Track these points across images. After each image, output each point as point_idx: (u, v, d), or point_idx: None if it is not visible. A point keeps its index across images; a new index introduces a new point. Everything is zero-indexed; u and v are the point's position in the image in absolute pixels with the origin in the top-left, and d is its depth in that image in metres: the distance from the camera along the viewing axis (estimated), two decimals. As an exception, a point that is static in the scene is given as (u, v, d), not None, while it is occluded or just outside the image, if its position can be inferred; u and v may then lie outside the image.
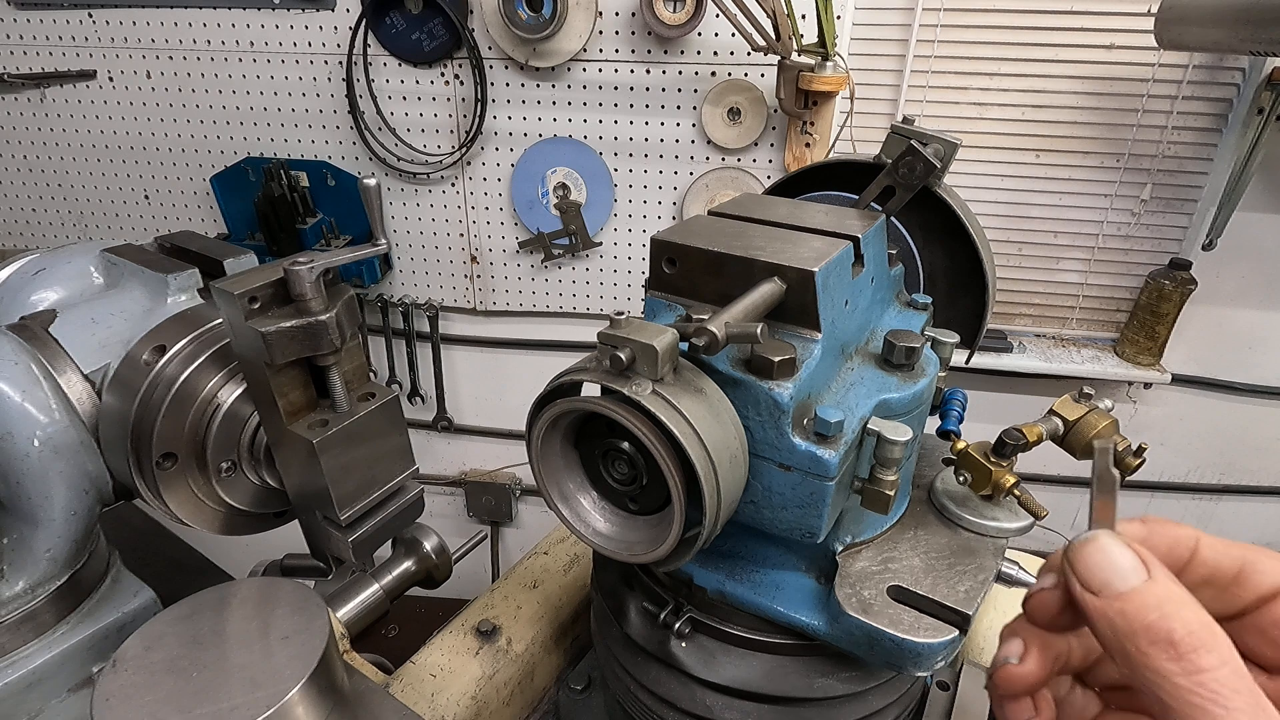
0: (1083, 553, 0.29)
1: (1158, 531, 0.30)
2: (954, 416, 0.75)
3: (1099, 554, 0.28)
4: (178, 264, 0.72)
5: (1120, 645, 0.26)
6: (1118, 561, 0.28)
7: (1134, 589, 0.27)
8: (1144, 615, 0.26)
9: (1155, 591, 0.27)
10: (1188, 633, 0.25)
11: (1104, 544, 0.29)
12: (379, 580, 0.88)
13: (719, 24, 1.83)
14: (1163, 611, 0.26)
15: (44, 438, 0.62)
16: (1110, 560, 0.28)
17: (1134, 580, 0.27)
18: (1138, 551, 0.28)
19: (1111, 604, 0.27)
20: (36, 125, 2.32)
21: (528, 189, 2.18)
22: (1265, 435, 2.25)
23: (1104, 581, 0.28)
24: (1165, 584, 0.27)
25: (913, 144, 0.69)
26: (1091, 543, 0.29)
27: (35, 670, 0.69)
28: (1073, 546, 0.29)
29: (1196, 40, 1.58)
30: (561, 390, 0.50)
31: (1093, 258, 2.10)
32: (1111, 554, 0.28)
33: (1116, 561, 0.28)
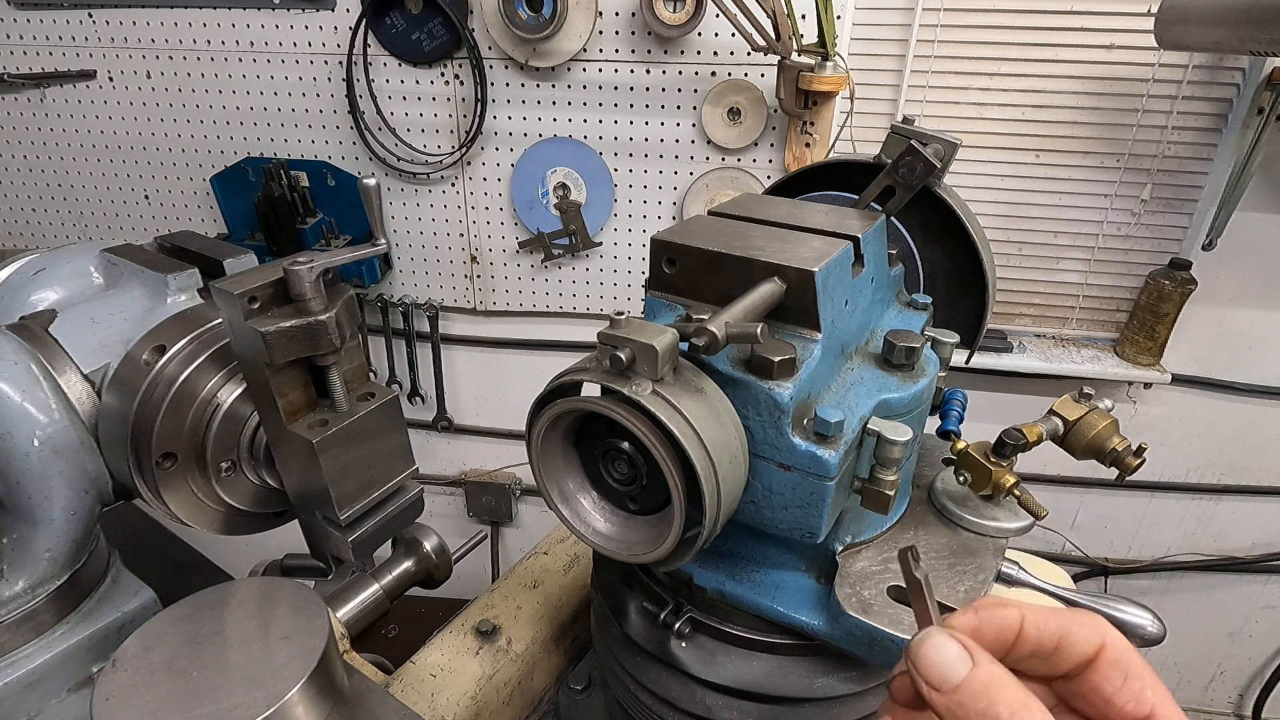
0: (919, 653, 0.33)
1: (987, 619, 0.34)
2: (954, 416, 0.75)
3: (932, 651, 0.32)
4: (178, 264, 0.72)
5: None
6: (948, 656, 0.32)
7: (964, 679, 0.31)
8: (976, 704, 0.30)
9: (980, 678, 0.31)
10: (1010, 714, 0.30)
11: (934, 642, 0.32)
12: (379, 580, 0.88)
13: (719, 24, 1.83)
14: (989, 697, 0.30)
15: (44, 437, 0.62)
16: (942, 656, 0.32)
17: (962, 670, 0.31)
18: (962, 642, 0.32)
19: (950, 697, 0.31)
20: (36, 125, 2.32)
21: (528, 189, 2.18)
22: (1265, 435, 2.25)
23: (941, 677, 0.31)
24: (987, 669, 0.31)
25: (913, 144, 0.69)
26: (924, 642, 0.33)
27: (35, 670, 0.69)
28: (910, 647, 0.33)
29: (1196, 40, 1.58)
30: (561, 390, 0.50)
31: (1093, 258, 2.10)
32: (942, 650, 0.32)
33: (947, 656, 0.32)
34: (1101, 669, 0.32)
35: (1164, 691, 0.32)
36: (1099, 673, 0.32)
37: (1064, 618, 0.33)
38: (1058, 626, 0.33)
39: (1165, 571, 2.50)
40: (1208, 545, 2.44)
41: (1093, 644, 0.32)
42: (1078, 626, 0.33)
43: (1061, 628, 0.33)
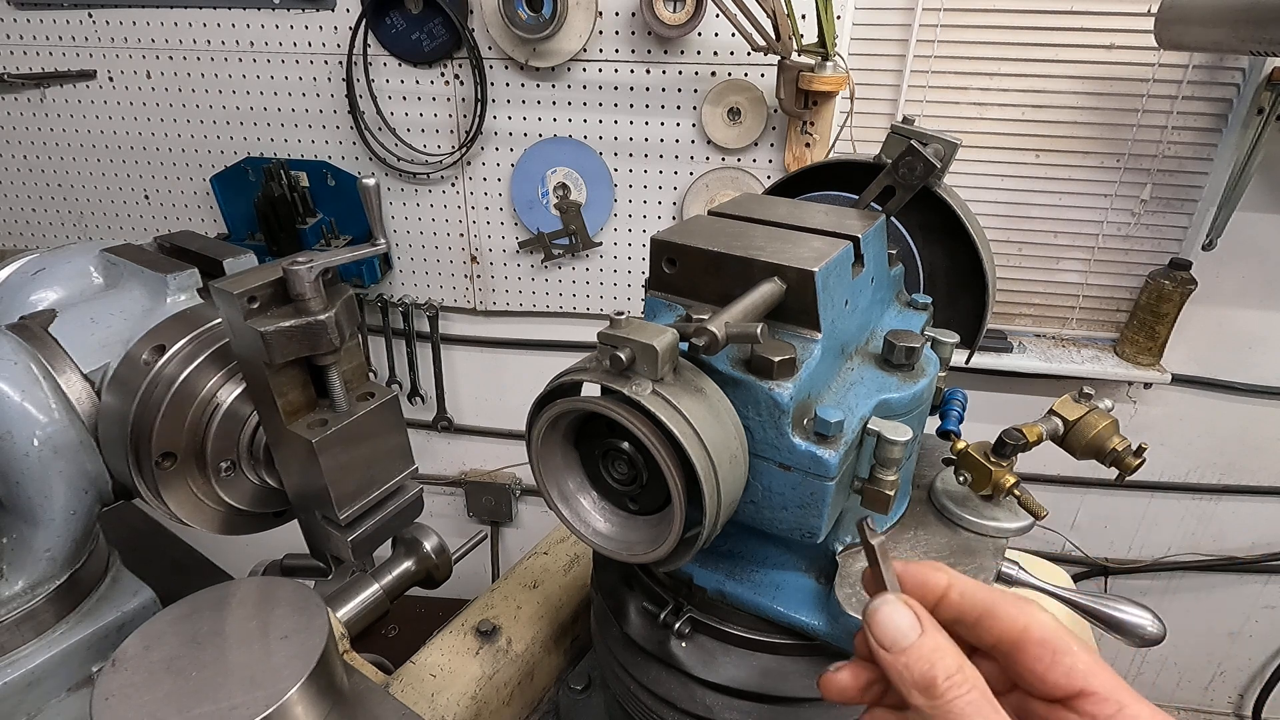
0: (875, 617, 0.36)
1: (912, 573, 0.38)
2: (954, 416, 0.75)
3: (886, 617, 0.36)
4: (177, 264, 0.72)
5: (904, 690, 0.34)
6: (899, 622, 0.35)
7: (912, 644, 0.34)
8: (920, 666, 0.34)
9: (927, 644, 0.34)
10: (945, 676, 0.33)
11: (889, 609, 0.36)
12: (379, 580, 0.88)
13: (719, 24, 1.83)
14: (931, 661, 0.34)
15: (43, 437, 0.62)
16: (894, 622, 0.35)
17: (912, 636, 0.35)
18: (915, 611, 0.36)
19: (899, 659, 0.34)
20: (36, 125, 2.32)
21: (528, 189, 2.18)
22: (1265, 435, 2.25)
23: (892, 640, 0.35)
24: (933, 637, 0.35)
25: (913, 144, 0.69)
26: (881, 608, 0.36)
27: (35, 670, 0.69)
28: (867, 611, 0.36)
29: (1196, 40, 1.58)
30: (561, 390, 0.50)
31: (1093, 258, 2.10)
32: (895, 617, 0.35)
33: (899, 623, 0.35)
34: (1030, 649, 0.34)
35: (1095, 663, 0.34)
36: (1028, 653, 0.34)
37: (993, 595, 0.36)
38: (984, 601, 0.36)
39: (1165, 571, 2.50)
40: (1208, 545, 2.44)
41: (1017, 622, 0.35)
42: (1004, 604, 0.35)
43: (987, 603, 0.36)
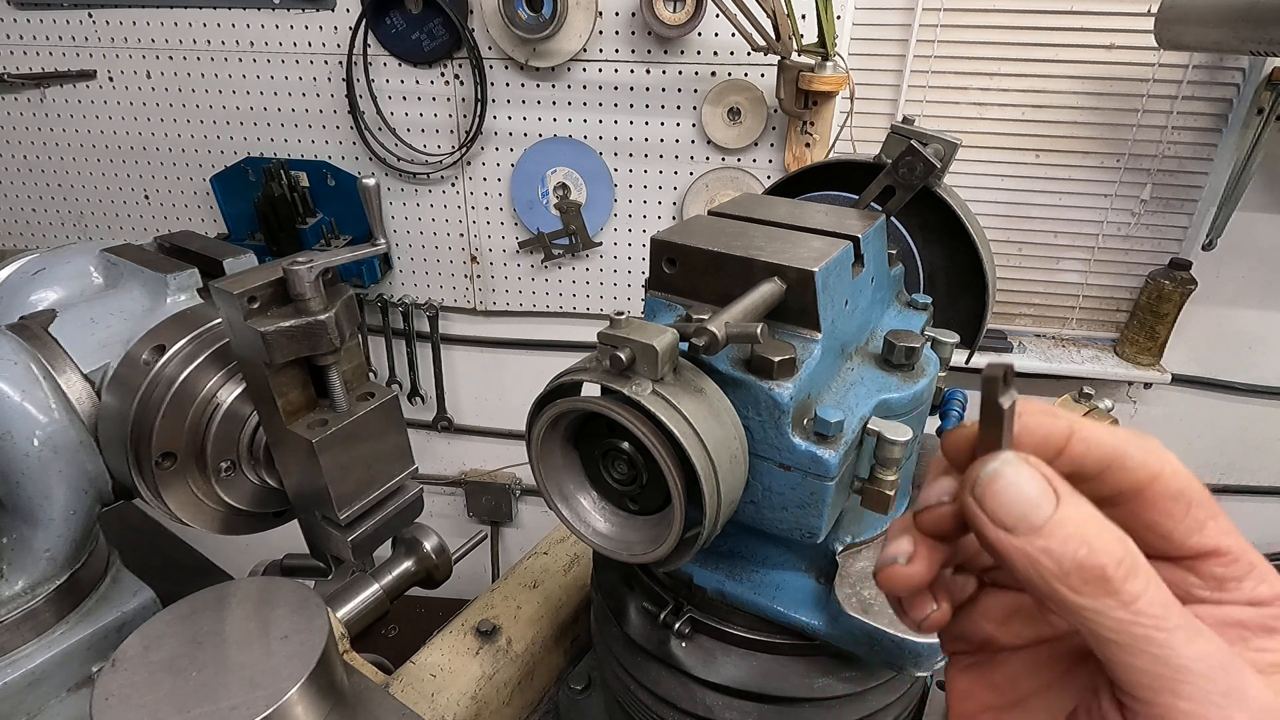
0: (991, 490, 0.26)
1: (1030, 426, 0.28)
2: (954, 416, 0.75)
3: (1008, 489, 0.26)
4: (177, 264, 0.72)
5: (1049, 587, 0.25)
6: (1028, 493, 0.26)
7: (1049, 520, 0.25)
8: (1071, 551, 0.24)
9: (1072, 519, 0.25)
10: (1116, 563, 0.24)
11: (1011, 477, 0.26)
12: (379, 580, 0.88)
13: (719, 24, 1.83)
14: (1090, 545, 0.24)
15: (43, 437, 0.62)
16: (1021, 493, 0.26)
17: (1046, 509, 0.25)
18: (1044, 474, 0.26)
19: (1033, 542, 0.25)
20: (36, 125, 2.32)
21: (528, 189, 2.18)
22: (1265, 435, 2.25)
23: (1018, 516, 0.26)
24: (1077, 507, 0.25)
25: (913, 144, 0.69)
26: (998, 478, 0.26)
27: (35, 670, 0.69)
28: (979, 484, 0.27)
29: (1196, 40, 1.58)
30: (561, 390, 0.50)
31: (1093, 258, 2.10)
32: (1021, 486, 0.26)
33: (1027, 493, 0.26)
34: (1159, 502, 0.27)
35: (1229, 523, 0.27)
36: (1157, 506, 0.27)
37: (1119, 438, 0.28)
38: (1111, 447, 0.27)
39: (1165, 571, 2.50)
40: (1208, 545, 2.44)
41: (1148, 469, 0.27)
42: (1133, 449, 0.27)
43: (1114, 449, 0.27)
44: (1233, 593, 0.27)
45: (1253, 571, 0.27)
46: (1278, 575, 0.27)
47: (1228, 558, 0.27)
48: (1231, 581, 0.27)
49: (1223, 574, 0.27)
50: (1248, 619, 0.26)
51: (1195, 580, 0.27)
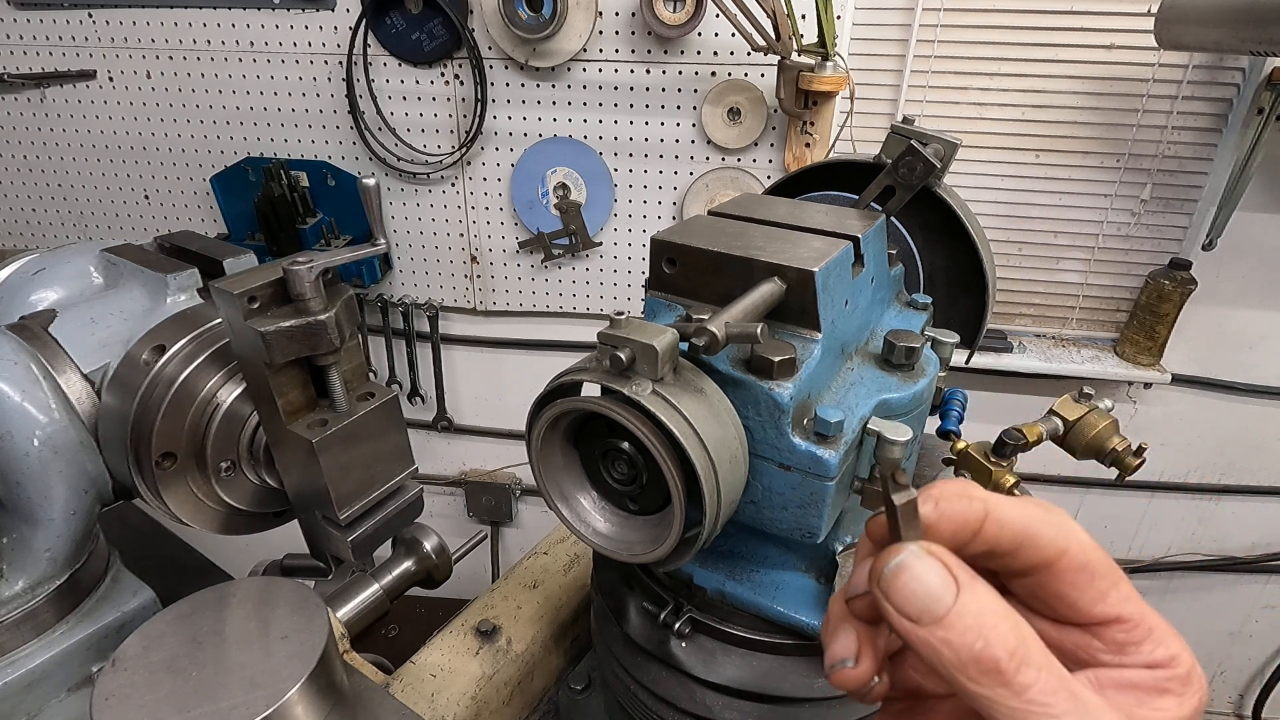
0: (896, 585, 0.28)
1: (947, 513, 0.29)
2: (954, 416, 0.75)
3: (911, 582, 0.27)
4: (177, 264, 0.71)
5: (950, 674, 0.26)
6: (930, 585, 0.27)
7: (950, 612, 0.27)
8: (968, 643, 0.26)
9: (971, 610, 0.26)
10: (1009, 654, 0.26)
11: (914, 570, 0.28)
12: (379, 580, 0.88)
13: (719, 24, 1.83)
14: (985, 637, 0.26)
15: (44, 437, 0.62)
16: (923, 586, 0.27)
17: (947, 600, 0.27)
18: (945, 563, 0.28)
19: (934, 633, 0.26)
20: (36, 125, 2.32)
21: (528, 189, 2.18)
22: (1265, 435, 2.25)
23: (921, 609, 0.27)
24: (975, 597, 0.27)
25: (913, 144, 0.69)
26: (902, 571, 0.28)
27: (34, 670, 0.69)
28: (885, 578, 0.28)
29: (1196, 40, 1.58)
30: (561, 390, 0.50)
31: (1093, 258, 2.10)
32: (923, 579, 0.27)
33: (929, 585, 0.27)
34: (1066, 574, 0.29)
35: (1129, 589, 0.29)
36: (1064, 578, 0.29)
37: (1029, 516, 0.29)
38: (1023, 526, 0.29)
39: (1165, 571, 2.50)
40: (1208, 545, 2.44)
41: (1056, 546, 0.29)
42: (1043, 527, 0.29)
43: (1026, 528, 0.29)
44: (1132, 656, 0.29)
45: (1150, 635, 0.29)
46: (1174, 637, 0.29)
47: (1129, 624, 0.29)
48: (1131, 645, 0.29)
49: (1124, 639, 0.29)
50: (1143, 681, 0.28)
51: (1098, 645, 0.29)
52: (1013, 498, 0.30)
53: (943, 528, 0.29)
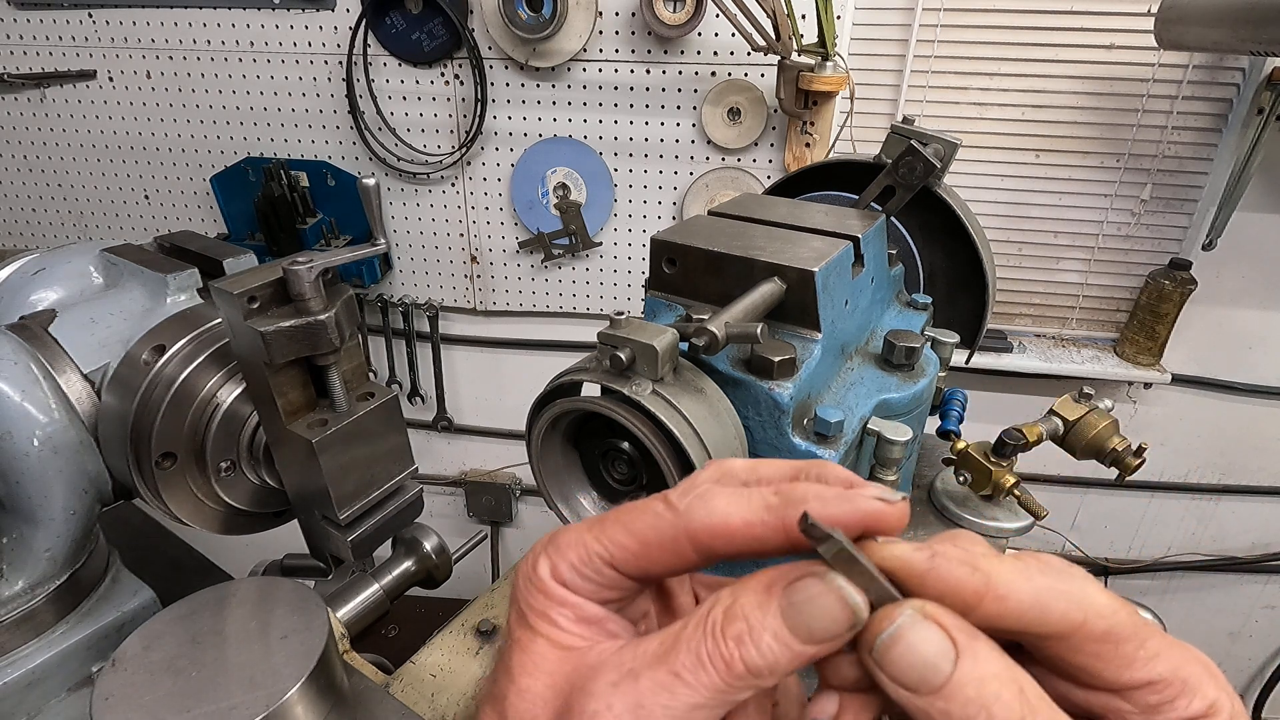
0: (891, 655, 0.25)
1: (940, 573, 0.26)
2: (954, 416, 0.75)
3: (907, 652, 0.25)
4: (177, 264, 0.72)
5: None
6: (926, 654, 0.25)
7: (949, 681, 0.24)
8: (969, 715, 0.24)
9: (971, 679, 0.24)
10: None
11: (910, 639, 0.25)
12: (379, 580, 0.88)
13: (719, 24, 1.83)
14: (988, 709, 0.24)
15: (43, 437, 0.62)
16: (919, 656, 0.25)
17: (945, 669, 0.24)
18: (942, 623, 0.25)
19: (934, 704, 0.24)
20: (36, 125, 2.32)
21: (528, 189, 2.18)
22: (1265, 435, 2.25)
23: (917, 680, 0.25)
24: (975, 663, 0.24)
25: (913, 144, 0.69)
26: (898, 641, 0.25)
27: (34, 670, 0.69)
28: (879, 648, 0.26)
29: (1196, 40, 1.58)
30: (561, 390, 0.50)
31: (1093, 258, 2.10)
32: (919, 647, 0.25)
33: (925, 654, 0.25)
34: (1085, 646, 0.26)
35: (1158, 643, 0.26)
36: (1083, 650, 0.26)
37: (1036, 589, 0.26)
38: (1031, 602, 0.26)
39: (1165, 571, 2.50)
40: (1208, 545, 2.44)
41: (1069, 621, 0.26)
42: (1053, 601, 0.26)
43: (1034, 604, 0.26)
44: (1168, 714, 0.27)
45: (1185, 689, 0.27)
46: (1211, 682, 0.27)
47: (1159, 684, 0.26)
48: (1165, 705, 0.27)
49: (1156, 700, 0.27)
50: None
51: (1128, 707, 0.27)
52: (1020, 563, 0.27)
53: (928, 585, 0.26)
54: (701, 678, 0.25)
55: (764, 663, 0.25)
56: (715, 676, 0.25)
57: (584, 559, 0.29)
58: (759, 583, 0.27)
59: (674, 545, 0.29)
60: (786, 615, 0.26)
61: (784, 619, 0.26)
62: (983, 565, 0.26)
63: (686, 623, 0.27)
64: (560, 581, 0.30)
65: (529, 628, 0.29)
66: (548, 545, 0.30)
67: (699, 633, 0.26)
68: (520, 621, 0.30)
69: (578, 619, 0.30)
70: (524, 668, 0.29)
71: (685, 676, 0.26)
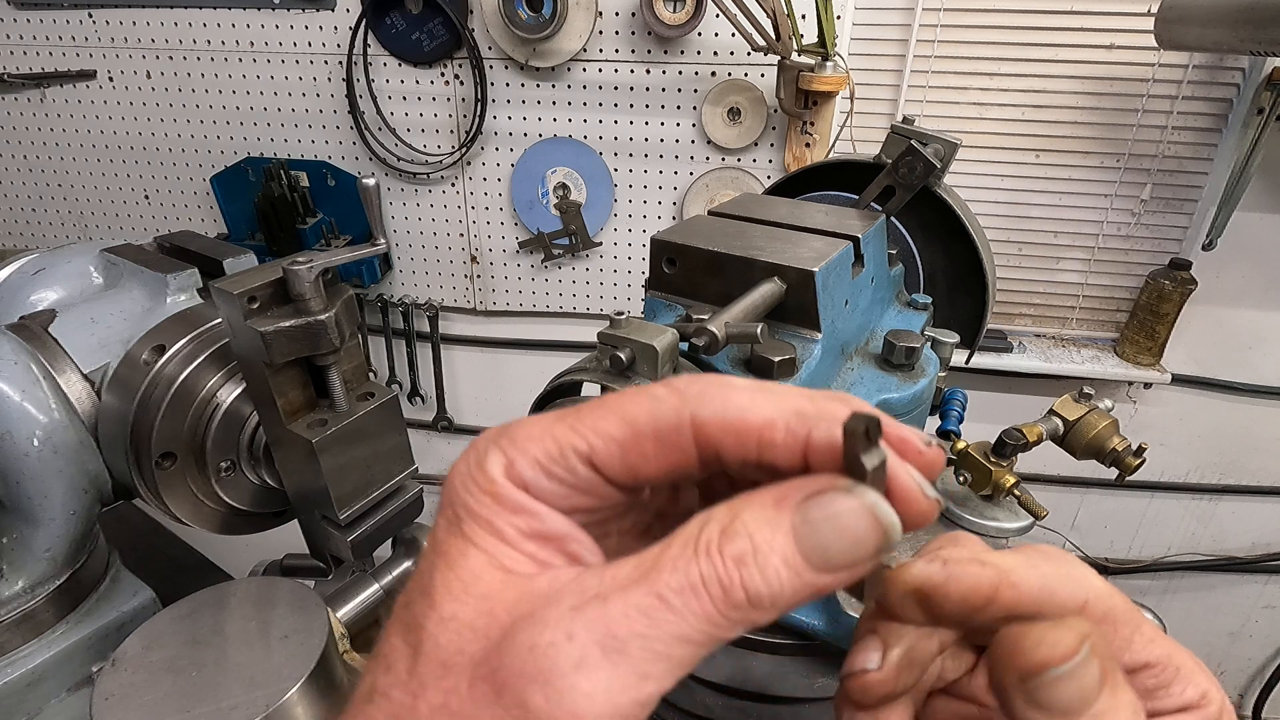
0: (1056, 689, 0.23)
1: (956, 577, 0.26)
2: (954, 416, 0.75)
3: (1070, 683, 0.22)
4: (177, 264, 0.72)
5: None
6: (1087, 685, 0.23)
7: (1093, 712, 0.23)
8: None
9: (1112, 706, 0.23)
10: None
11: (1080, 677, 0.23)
12: (379, 580, 0.88)
13: (719, 24, 1.83)
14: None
15: (43, 437, 0.62)
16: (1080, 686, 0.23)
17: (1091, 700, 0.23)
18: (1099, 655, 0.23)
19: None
20: (36, 125, 2.32)
21: (528, 189, 2.18)
22: (1265, 435, 2.25)
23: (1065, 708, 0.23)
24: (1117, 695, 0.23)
25: (913, 144, 0.69)
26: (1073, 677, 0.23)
27: (34, 670, 0.69)
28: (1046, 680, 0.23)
29: (1196, 40, 1.58)
30: (561, 390, 0.50)
31: (1093, 258, 2.10)
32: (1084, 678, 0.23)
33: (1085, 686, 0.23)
34: None
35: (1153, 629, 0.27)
36: None
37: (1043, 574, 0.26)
38: (1040, 586, 0.26)
39: (1165, 571, 2.50)
40: (1208, 545, 2.44)
41: (1075, 600, 0.26)
42: (1059, 583, 0.26)
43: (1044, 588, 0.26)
44: (1163, 700, 0.27)
45: (1179, 675, 0.27)
46: (1202, 673, 0.27)
47: (1156, 668, 0.27)
48: (1161, 690, 0.27)
49: (1153, 684, 0.27)
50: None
51: None
52: (1022, 555, 0.27)
53: (950, 592, 0.26)
54: (692, 604, 0.21)
55: (768, 591, 0.21)
56: (709, 604, 0.21)
57: (552, 454, 0.24)
58: (767, 496, 0.22)
59: (675, 437, 0.24)
60: (801, 535, 0.22)
61: (797, 539, 0.22)
62: (992, 559, 0.26)
63: (670, 541, 0.22)
64: (517, 482, 0.23)
65: (463, 537, 0.23)
66: (499, 436, 0.24)
67: (688, 550, 0.21)
68: (452, 529, 0.23)
69: (532, 533, 0.23)
70: (449, 589, 0.22)
71: (671, 600, 0.20)
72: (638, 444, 0.24)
